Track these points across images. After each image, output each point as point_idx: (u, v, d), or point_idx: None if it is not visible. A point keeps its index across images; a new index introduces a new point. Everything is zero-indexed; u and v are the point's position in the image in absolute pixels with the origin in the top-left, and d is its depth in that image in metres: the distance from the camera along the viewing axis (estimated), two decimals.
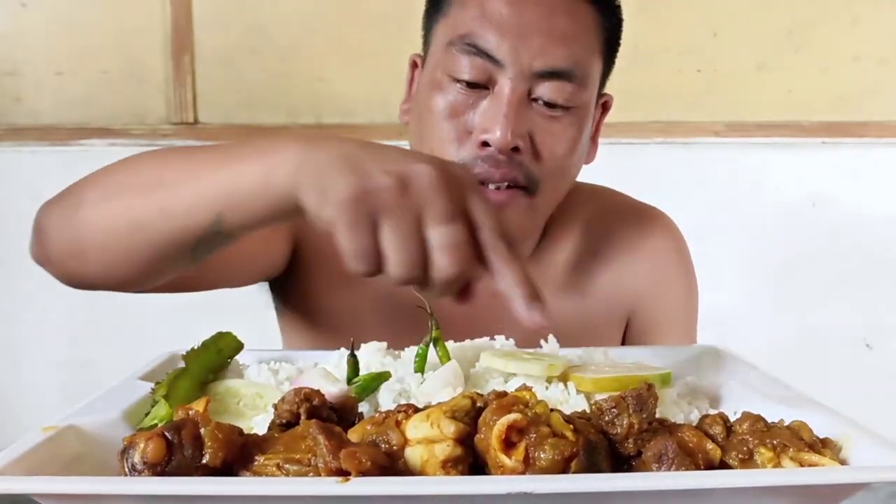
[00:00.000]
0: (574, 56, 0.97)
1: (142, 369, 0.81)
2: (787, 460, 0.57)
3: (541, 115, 0.98)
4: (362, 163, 0.64)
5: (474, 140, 0.97)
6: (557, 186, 1.03)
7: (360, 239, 0.62)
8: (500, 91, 0.96)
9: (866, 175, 2.50)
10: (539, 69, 0.96)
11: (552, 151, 0.99)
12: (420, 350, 0.78)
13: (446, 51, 0.99)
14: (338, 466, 0.53)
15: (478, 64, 0.96)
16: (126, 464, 0.54)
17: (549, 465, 0.53)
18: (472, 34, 0.97)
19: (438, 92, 0.99)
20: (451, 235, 0.62)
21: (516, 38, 0.95)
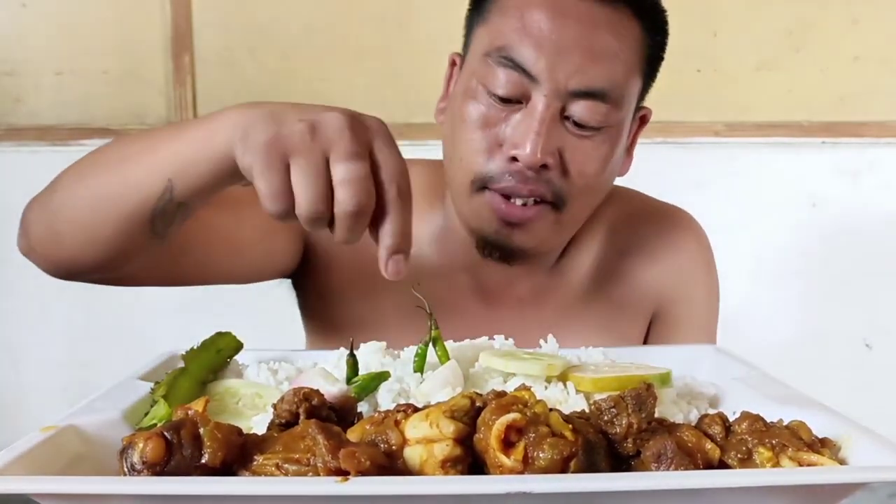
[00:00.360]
0: (612, 76, 0.96)
1: (141, 369, 0.81)
2: (786, 460, 0.57)
3: (572, 133, 0.97)
4: (282, 114, 0.70)
5: (504, 154, 0.96)
6: (585, 203, 1.03)
7: (272, 179, 0.67)
8: (534, 107, 0.95)
9: (866, 175, 2.50)
10: (574, 88, 0.94)
11: (581, 170, 0.98)
12: (419, 350, 0.78)
13: (483, 61, 0.98)
14: (337, 466, 0.53)
15: (513, 78, 0.95)
16: (125, 463, 0.54)
17: (548, 465, 0.53)
18: (509, 47, 0.95)
19: (472, 101, 0.98)
20: (352, 171, 0.67)
21: (554, 54, 0.94)
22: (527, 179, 0.96)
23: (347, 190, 0.67)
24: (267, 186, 0.67)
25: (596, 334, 1.04)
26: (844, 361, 2.51)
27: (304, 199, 0.67)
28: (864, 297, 2.52)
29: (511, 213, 0.98)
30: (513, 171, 0.96)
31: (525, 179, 0.96)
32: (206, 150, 0.75)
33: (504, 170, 0.96)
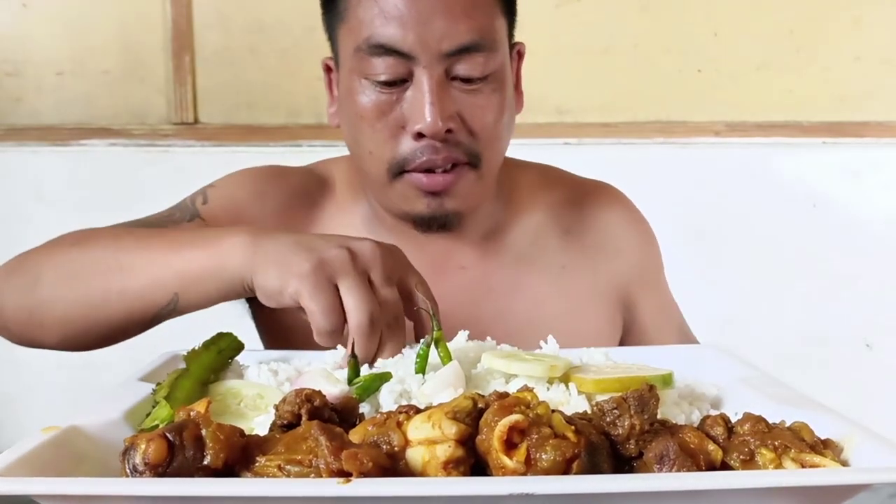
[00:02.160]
0: (477, 27, 0.98)
1: (142, 370, 0.81)
2: (789, 461, 0.57)
3: (462, 91, 0.99)
4: (313, 243, 0.80)
5: (409, 133, 0.99)
6: (496, 151, 1.06)
7: (324, 299, 0.76)
8: (419, 81, 0.97)
9: (867, 175, 2.50)
10: (448, 49, 0.97)
11: (483, 123, 1.01)
12: (421, 351, 0.78)
13: (355, 56, 1.00)
14: (339, 467, 0.53)
15: (390, 63, 0.98)
16: (127, 465, 0.54)
17: (551, 466, 0.53)
18: (375, 35, 0.97)
19: (361, 96, 1.00)
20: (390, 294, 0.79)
21: (419, 26, 0.96)
22: (438, 149, 0.99)
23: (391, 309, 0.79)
24: (319, 306, 0.76)
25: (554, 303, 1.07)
26: (845, 361, 2.51)
27: (358, 313, 0.76)
28: (865, 297, 2.52)
29: (435, 184, 1.01)
30: (423, 147, 0.99)
31: (437, 150, 0.99)
32: (216, 271, 0.84)
33: (414, 148, 0.99)
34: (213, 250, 0.85)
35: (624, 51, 2.42)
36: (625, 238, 1.21)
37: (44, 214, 2.40)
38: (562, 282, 1.15)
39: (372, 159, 1.03)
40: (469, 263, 1.13)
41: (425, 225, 1.05)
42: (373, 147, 1.02)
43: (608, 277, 1.18)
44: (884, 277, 2.52)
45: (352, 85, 1.02)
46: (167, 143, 2.42)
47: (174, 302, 0.87)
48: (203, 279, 0.85)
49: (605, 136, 2.39)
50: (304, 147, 2.41)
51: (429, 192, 1.01)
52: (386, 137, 1.00)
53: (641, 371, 0.75)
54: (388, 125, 1.00)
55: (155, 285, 0.87)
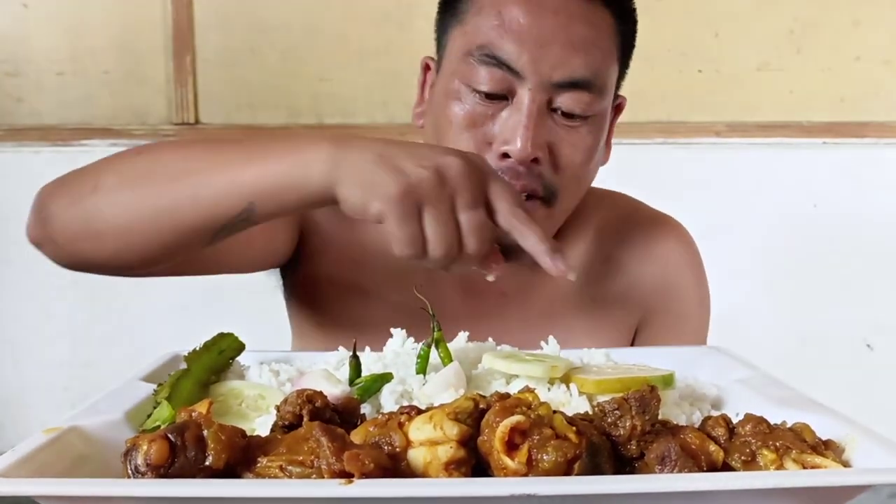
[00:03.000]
0: (593, 65, 0.97)
1: (144, 370, 0.81)
2: (790, 462, 0.57)
3: (560, 125, 0.97)
4: (399, 160, 0.74)
5: (494, 151, 0.96)
6: (575, 194, 1.03)
7: (409, 227, 0.72)
8: (520, 102, 0.95)
9: (868, 176, 2.50)
10: (559, 80, 0.95)
11: (571, 161, 0.98)
12: (422, 351, 0.78)
13: (463, 60, 0.98)
14: (341, 468, 0.53)
15: (497, 75, 0.95)
16: (129, 466, 0.54)
17: (552, 467, 0.53)
18: (490, 44, 0.96)
19: (456, 102, 0.98)
20: (476, 219, 0.74)
21: (535, 48, 0.94)
22: (518, 175, 0.96)
23: (475, 237, 0.74)
24: (403, 233, 0.73)
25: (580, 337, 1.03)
26: (846, 362, 2.51)
27: (439, 246, 0.73)
28: (866, 298, 2.52)
29: None
30: (504, 168, 0.96)
31: (517, 175, 0.96)
32: (297, 181, 0.78)
33: (496, 167, 0.95)
34: (293, 159, 0.78)
35: None
36: (660, 275, 1.15)
37: None
38: (589, 316, 1.12)
39: None
40: (510, 291, 1.10)
41: None
42: None
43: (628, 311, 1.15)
44: (884, 278, 2.52)
45: (450, 88, 0.99)
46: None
47: (249, 211, 0.80)
48: (283, 190, 0.79)
49: None
50: None
51: None
52: (470, 149, 0.96)
53: (642, 372, 0.75)
54: (475, 137, 0.97)
55: (230, 192, 0.80)
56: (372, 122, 2.40)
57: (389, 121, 2.40)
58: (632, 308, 1.15)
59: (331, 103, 2.43)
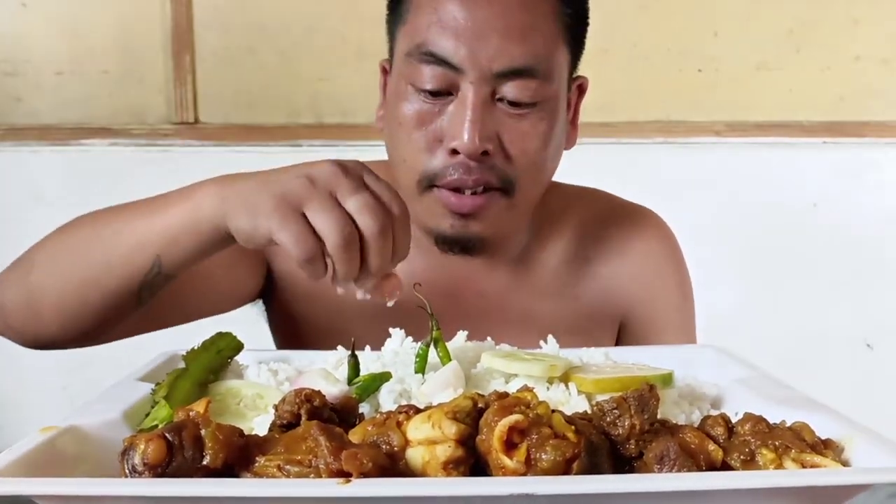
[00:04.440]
0: (534, 52, 0.96)
1: (141, 370, 0.81)
2: (789, 461, 0.57)
3: (507, 114, 0.97)
4: (273, 179, 0.76)
5: (444, 148, 0.97)
6: (534, 181, 1.03)
7: (293, 228, 0.73)
8: (464, 96, 0.95)
9: (867, 175, 2.50)
10: (499, 70, 0.95)
11: (523, 150, 0.98)
12: (420, 350, 0.78)
13: (406, 61, 0.99)
14: (339, 468, 0.52)
15: (438, 73, 0.96)
16: (126, 465, 0.54)
17: (551, 467, 0.53)
18: (427, 42, 0.96)
19: (404, 102, 0.99)
20: (362, 199, 0.74)
21: (472, 41, 0.94)
22: (471, 170, 0.96)
23: (367, 215, 0.74)
24: (290, 235, 0.73)
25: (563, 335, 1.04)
26: (846, 361, 2.51)
27: (331, 231, 0.73)
28: (865, 297, 2.51)
29: (462, 205, 0.98)
30: (456, 164, 0.96)
31: (469, 170, 0.96)
32: (191, 224, 0.82)
33: (447, 164, 0.97)
34: (186, 204, 0.83)
35: (623, 50, 2.42)
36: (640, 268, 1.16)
37: (43, 214, 2.38)
38: (571, 313, 1.12)
39: (405, 168, 1.01)
40: (489, 290, 1.11)
41: (447, 245, 1.03)
42: (407, 156, 1.00)
43: (610, 306, 1.15)
44: (884, 277, 2.51)
45: (398, 89, 1.00)
46: (167, 143, 2.41)
47: (157, 264, 0.85)
48: (181, 236, 0.83)
49: (605, 136, 2.39)
50: (303, 147, 2.41)
51: (455, 212, 0.99)
52: (421, 148, 0.98)
53: (641, 371, 0.75)
54: (425, 136, 0.98)
55: (136, 249, 0.85)
56: (371, 121, 2.38)
57: None
58: (614, 304, 1.15)
59: (330, 103, 2.43)
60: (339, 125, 2.42)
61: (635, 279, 1.15)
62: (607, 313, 1.15)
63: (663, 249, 1.18)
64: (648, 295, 1.16)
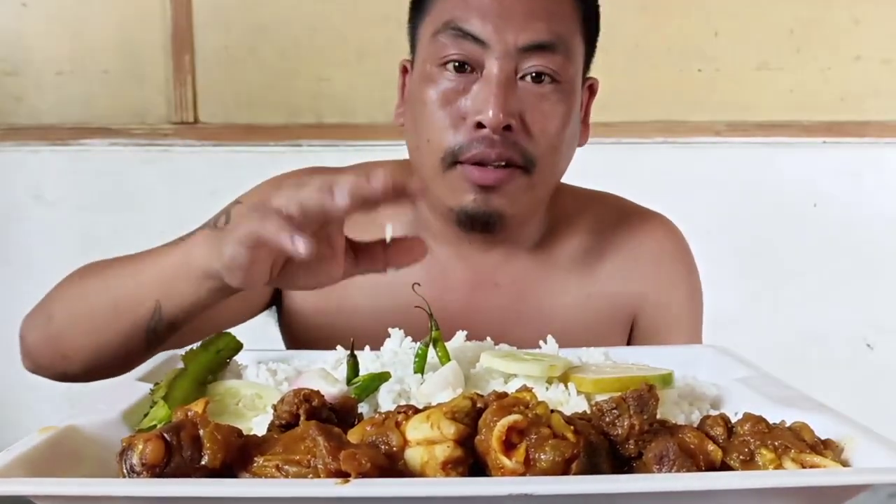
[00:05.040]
0: (556, 29, 1.00)
1: (140, 370, 0.81)
2: (789, 462, 0.57)
3: (530, 93, 1.00)
4: None
5: (469, 124, 0.99)
6: (553, 163, 1.05)
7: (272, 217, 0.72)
8: (489, 72, 0.99)
9: (868, 175, 2.49)
10: (523, 44, 0.99)
11: (544, 128, 1.01)
12: (420, 350, 0.77)
13: (432, 41, 1.02)
14: (337, 468, 0.52)
15: (464, 47, 0.99)
16: (125, 465, 0.54)
17: (550, 467, 0.53)
18: (455, 19, 1.00)
19: (430, 83, 1.02)
20: None
21: (498, 18, 0.99)
22: (494, 143, 0.98)
23: None
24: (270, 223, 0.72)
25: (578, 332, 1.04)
26: (846, 361, 2.51)
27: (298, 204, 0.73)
28: (866, 297, 2.51)
29: (485, 178, 1.00)
30: (480, 138, 0.99)
31: (492, 143, 0.98)
32: (184, 270, 0.86)
33: (471, 138, 0.99)
34: (181, 250, 0.87)
35: (624, 50, 2.42)
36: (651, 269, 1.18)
37: (43, 214, 2.40)
38: (585, 311, 1.14)
39: (429, 147, 1.02)
40: (504, 282, 1.12)
41: (468, 223, 1.04)
42: (431, 135, 1.02)
43: (623, 307, 1.16)
44: (884, 277, 2.51)
45: (423, 72, 1.03)
46: (167, 142, 2.41)
47: (158, 310, 0.90)
48: (176, 280, 0.87)
49: (605, 136, 2.38)
50: (304, 147, 2.41)
51: (479, 184, 1.01)
52: (446, 125, 1.00)
53: (641, 371, 0.75)
54: (450, 114, 1.00)
55: (138, 297, 0.91)
56: (371, 121, 2.39)
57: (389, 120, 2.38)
58: (626, 305, 1.17)
59: (330, 103, 2.43)
60: (340, 125, 2.42)
61: (647, 282, 1.17)
62: (619, 313, 1.16)
63: (675, 253, 1.21)
64: (660, 298, 1.17)
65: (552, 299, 1.13)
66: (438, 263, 1.11)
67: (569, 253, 1.15)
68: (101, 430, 0.64)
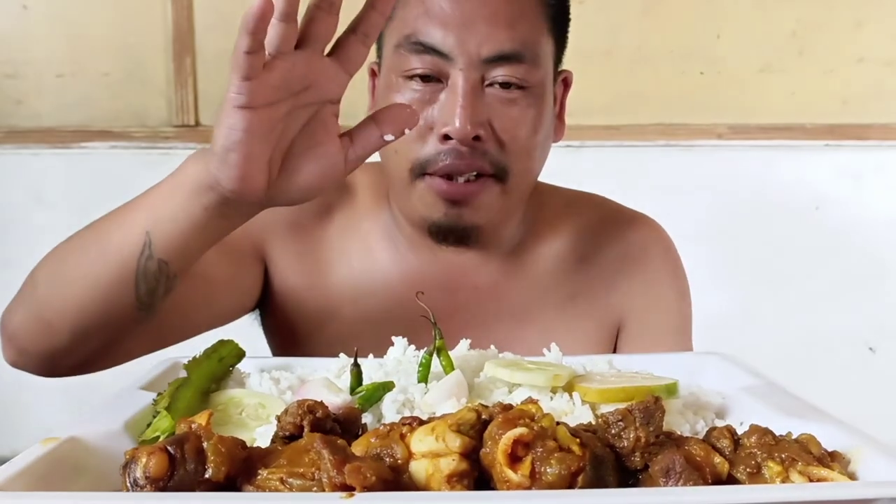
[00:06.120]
0: (520, 37, 0.98)
1: (143, 378, 0.80)
2: (796, 475, 0.57)
3: (497, 100, 0.98)
4: None
5: (436, 135, 0.98)
6: (526, 168, 1.03)
7: None
8: (454, 83, 0.96)
9: (869, 177, 2.50)
10: (487, 55, 0.96)
11: (514, 135, 0.99)
12: (423, 359, 0.77)
13: (395, 53, 1.00)
14: (342, 481, 0.52)
15: (427, 61, 0.97)
16: (128, 478, 0.53)
17: (556, 480, 0.52)
18: (416, 32, 0.97)
19: (395, 94, 1.00)
20: None
21: (460, 28, 0.96)
22: (463, 155, 0.97)
23: None
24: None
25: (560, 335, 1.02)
26: (847, 364, 2.50)
27: None
28: (868, 300, 2.51)
29: (455, 192, 0.99)
30: (448, 150, 0.97)
31: (461, 156, 0.97)
32: (176, 189, 0.80)
33: (439, 150, 0.97)
34: (171, 180, 0.82)
35: (626, 53, 2.42)
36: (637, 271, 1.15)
37: (44, 217, 2.39)
38: (568, 313, 1.12)
39: (397, 158, 1.01)
40: (483, 284, 1.11)
41: (441, 235, 1.03)
42: (398, 145, 0.97)
43: (609, 310, 1.15)
44: (886, 280, 2.51)
45: (388, 83, 1.01)
46: (168, 145, 2.41)
47: (148, 244, 0.82)
48: (167, 203, 0.80)
49: (608, 139, 2.39)
50: None
51: (448, 199, 0.99)
52: (413, 137, 0.98)
53: (645, 380, 0.75)
54: None
55: (127, 233, 0.83)
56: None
57: None
58: (612, 308, 1.15)
59: None
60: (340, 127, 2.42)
61: (633, 285, 1.15)
62: (605, 317, 1.15)
63: (661, 255, 1.18)
64: (646, 301, 1.15)
65: (533, 302, 1.12)
66: (415, 266, 1.10)
67: (551, 255, 1.14)
68: (103, 440, 0.64)
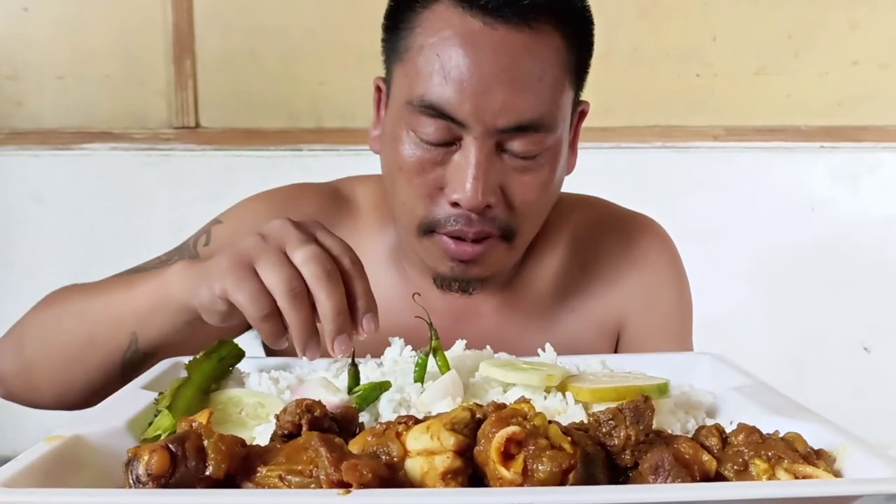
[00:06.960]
0: (540, 105, 0.92)
1: (145, 378, 0.82)
2: (782, 472, 0.58)
3: (512, 167, 0.94)
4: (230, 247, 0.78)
5: (446, 198, 0.95)
6: (535, 224, 1.02)
7: (246, 286, 0.74)
8: (467, 150, 0.92)
9: (865, 179, 2.51)
10: (504, 126, 0.91)
11: (526, 200, 0.96)
12: (419, 360, 0.78)
13: (406, 108, 0.94)
14: (339, 478, 0.53)
15: (440, 126, 0.92)
16: (130, 476, 0.55)
17: (547, 478, 0.54)
18: (429, 94, 0.91)
19: (405, 147, 0.95)
20: (309, 251, 0.74)
21: (477, 96, 0.90)
22: (472, 222, 0.94)
23: (312, 263, 0.74)
24: (244, 294, 0.74)
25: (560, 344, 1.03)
26: (843, 365, 2.52)
27: (278, 283, 0.73)
28: (863, 301, 2.52)
29: (462, 253, 0.97)
30: (457, 216, 0.95)
31: (470, 222, 0.94)
32: (162, 302, 0.85)
33: (449, 214, 0.95)
34: (158, 282, 0.86)
35: (623, 55, 2.43)
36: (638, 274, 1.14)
37: (44, 219, 2.41)
38: (573, 326, 1.12)
39: (404, 210, 0.99)
40: (486, 311, 1.10)
41: (445, 284, 1.02)
42: (406, 199, 0.97)
43: (610, 312, 1.14)
44: (881, 281, 2.53)
45: (397, 132, 0.96)
46: (168, 147, 2.42)
47: (134, 342, 0.89)
48: (153, 313, 0.87)
49: (604, 141, 2.40)
50: (304, 151, 2.42)
51: (455, 258, 0.98)
52: (422, 194, 0.95)
53: (637, 380, 0.76)
54: (426, 183, 0.95)
55: (114, 328, 0.90)
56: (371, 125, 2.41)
57: None
58: (612, 313, 1.14)
59: (330, 107, 2.44)
60: (340, 129, 2.43)
61: (633, 288, 1.14)
62: (605, 323, 1.14)
63: (662, 258, 1.17)
64: (647, 304, 1.14)
65: (536, 320, 1.11)
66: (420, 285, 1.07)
67: (551, 268, 1.12)
68: (106, 439, 0.65)
